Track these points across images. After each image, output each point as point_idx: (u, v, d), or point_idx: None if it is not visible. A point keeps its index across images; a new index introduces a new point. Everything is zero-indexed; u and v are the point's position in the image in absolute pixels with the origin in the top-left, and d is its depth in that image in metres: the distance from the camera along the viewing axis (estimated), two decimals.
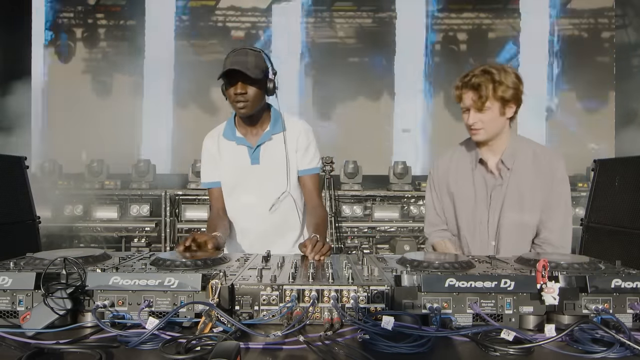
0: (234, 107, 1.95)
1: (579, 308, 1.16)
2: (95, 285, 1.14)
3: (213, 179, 2.12)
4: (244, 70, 1.82)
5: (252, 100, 1.91)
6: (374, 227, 5.53)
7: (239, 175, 2.05)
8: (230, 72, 1.84)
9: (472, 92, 1.86)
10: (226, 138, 2.08)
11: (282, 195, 2.04)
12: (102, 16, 6.46)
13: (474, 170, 1.99)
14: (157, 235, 5.45)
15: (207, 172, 2.13)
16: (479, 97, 1.84)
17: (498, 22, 6.62)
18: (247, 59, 1.86)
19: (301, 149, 2.07)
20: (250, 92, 1.89)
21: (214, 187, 2.12)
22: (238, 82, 1.87)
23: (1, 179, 2.70)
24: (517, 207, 1.93)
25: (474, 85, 1.85)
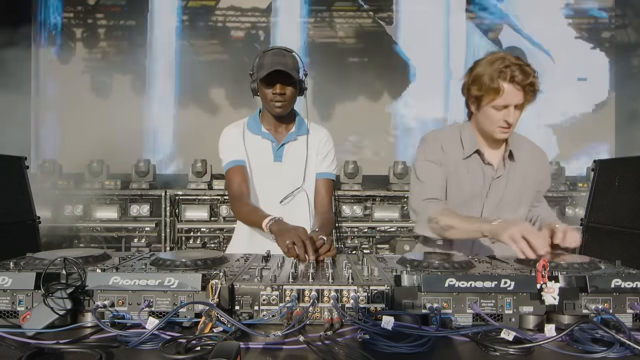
0: (269, 106, 1.97)
1: (579, 308, 1.16)
2: (95, 285, 1.14)
3: (239, 156, 2.03)
4: (289, 71, 1.85)
5: (289, 100, 1.96)
6: (374, 227, 5.53)
7: (260, 170, 2.06)
8: (271, 72, 1.86)
9: (522, 91, 1.70)
10: (251, 131, 2.08)
11: (295, 191, 2.05)
12: (102, 16, 6.46)
13: (467, 159, 1.89)
14: (157, 235, 5.45)
15: (232, 151, 2.03)
16: (531, 98, 1.72)
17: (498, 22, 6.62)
18: (287, 60, 1.89)
19: (322, 153, 2.11)
20: (288, 93, 1.93)
21: (240, 164, 2.01)
22: (277, 82, 1.90)
23: (1, 179, 2.70)
24: (516, 201, 1.92)
25: (528, 84, 1.69)
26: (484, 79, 1.72)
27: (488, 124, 1.81)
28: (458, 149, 1.91)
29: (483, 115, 1.81)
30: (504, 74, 1.69)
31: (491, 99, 1.73)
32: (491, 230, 1.55)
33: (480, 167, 1.90)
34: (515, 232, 1.45)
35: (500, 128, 1.78)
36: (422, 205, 1.85)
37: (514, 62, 1.70)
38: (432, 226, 1.78)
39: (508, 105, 1.73)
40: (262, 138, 2.06)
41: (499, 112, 1.75)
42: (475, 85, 1.76)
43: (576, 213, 5.22)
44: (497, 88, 1.70)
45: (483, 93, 1.74)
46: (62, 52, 6.38)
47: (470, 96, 1.83)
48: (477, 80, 1.75)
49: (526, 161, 1.93)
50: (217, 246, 5.40)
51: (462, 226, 1.68)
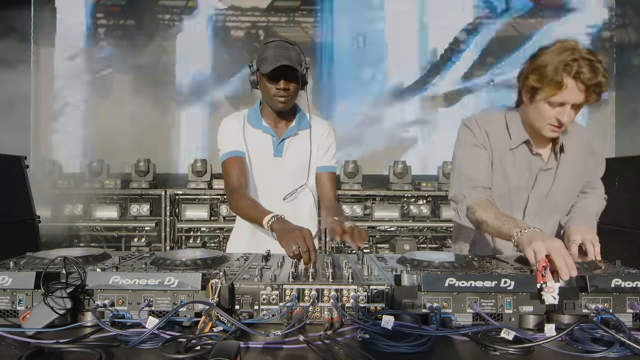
0: (272, 101, 1.92)
1: (579, 307, 1.16)
2: (95, 285, 1.14)
3: (238, 147, 1.98)
4: (294, 66, 1.80)
5: (293, 95, 1.92)
6: (374, 226, 5.53)
7: (259, 165, 2.03)
8: (278, 68, 1.80)
9: (585, 91, 1.53)
10: (251, 125, 2.04)
11: (299, 188, 2.04)
12: (102, 16, 6.46)
13: (513, 150, 1.76)
14: (157, 235, 5.45)
15: (231, 141, 1.98)
16: (595, 100, 1.55)
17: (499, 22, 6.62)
18: (291, 54, 1.84)
19: (323, 148, 2.08)
20: (292, 88, 1.89)
21: (239, 155, 1.96)
22: (282, 78, 1.85)
23: (1, 179, 2.70)
24: (564, 194, 1.79)
25: (595, 85, 1.51)
26: (547, 70, 1.53)
27: (538, 120, 1.65)
28: (504, 138, 1.77)
29: (535, 109, 1.64)
30: (569, 68, 1.50)
31: (549, 93, 1.55)
32: (518, 239, 1.39)
33: (527, 158, 1.77)
34: (540, 249, 1.24)
35: (551, 126, 1.62)
36: (464, 192, 1.71)
37: (584, 55, 1.51)
38: (469, 216, 1.68)
39: (565, 103, 1.56)
40: (263, 132, 2.03)
41: (553, 108, 1.59)
42: (535, 75, 1.57)
43: None
44: (559, 82, 1.51)
45: (542, 85, 1.55)
46: (62, 52, 6.37)
47: (525, 85, 1.63)
48: (538, 70, 1.56)
49: (578, 152, 1.79)
50: (217, 246, 5.40)
51: (493, 224, 1.54)
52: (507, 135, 1.78)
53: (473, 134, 1.78)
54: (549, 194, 1.79)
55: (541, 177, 1.78)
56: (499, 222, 1.52)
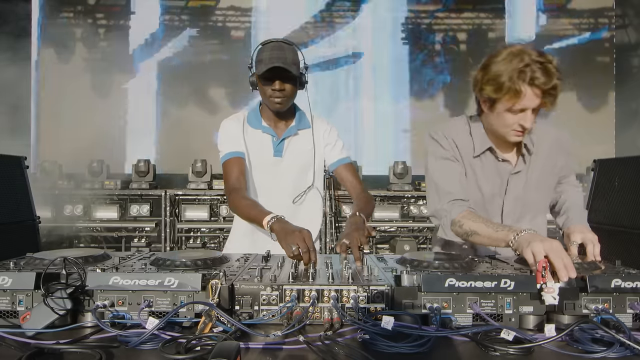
0: (269, 102, 1.93)
1: (579, 308, 1.16)
2: (95, 285, 1.14)
3: (237, 148, 1.97)
4: (287, 67, 1.80)
5: (289, 96, 1.91)
6: (374, 227, 5.53)
7: (259, 166, 2.03)
8: (270, 68, 1.81)
9: (542, 94, 1.51)
10: (251, 125, 2.04)
11: (307, 189, 2.04)
12: (102, 16, 6.46)
13: (479, 158, 1.76)
14: (157, 235, 5.45)
15: (231, 142, 1.97)
16: (551, 102, 1.53)
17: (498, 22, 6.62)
18: (286, 55, 1.83)
19: (330, 144, 2.08)
20: (287, 89, 1.88)
21: (239, 156, 1.96)
22: (276, 79, 1.85)
23: (1, 179, 2.70)
24: (538, 195, 1.79)
25: (551, 88, 1.50)
26: (501, 80, 1.52)
27: (501, 127, 1.64)
28: (469, 145, 1.76)
29: (496, 117, 1.64)
30: (524, 74, 1.49)
31: (509, 103, 1.55)
32: (515, 242, 1.37)
33: (494, 164, 1.77)
34: (539, 250, 1.23)
35: (515, 132, 1.62)
36: (445, 207, 1.67)
37: (535, 59, 1.49)
38: (455, 230, 1.64)
39: (525, 109, 1.55)
40: (263, 132, 2.03)
41: (515, 115, 1.58)
42: (491, 86, 1.56)
43: None
44: (517, 91, 1.50)
45: (499, 96, 1.55)
46: (62, 52, 6.38)
47: (482, 96, 1.64)
48: (494, 80, 1.55)
49: (549, 151, 1.79)
50: (217, 246, 5.40)
51: (486, 233, 1.51)
52: (471, 142, 1.77)
53: (441, 146, 1.77)
54: (523, 197, 1.78)
55: (512, 181, 1.77)
56: (491, 230, 1.50)
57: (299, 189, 2.04)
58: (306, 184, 2.04)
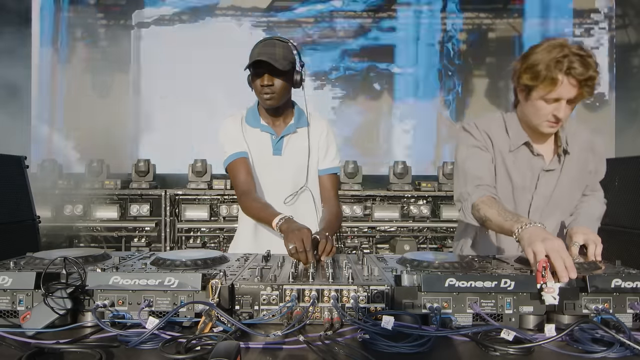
0: (260, 98, 1.93)
1: (579, 308, 1.16)
2: (95, 285, 1.14)
3: (240, 149, 1.97)
4: (272, 62, 1.79)
5: (279, 92, 1.89)
6: (374, 227, 5.53)
7: (259, 164, 2.02)
8: (257, 63, 1.82)
9: (577, 86, 1.54)
10: (249, 125, 2.04)
11: (300, 190, 2.03)
12: (102, 16, 6.46)
13: (514, 152, 1.78)
14: (157, 235, 5.45)
15: (234, 143, 1.98)
16: (588, 94, 1.56)
17: (498, 22, 6.62)
18: (275, 50, 1.83)
19: (323, 148, 2.07)
20: (276, 84, 1.87)
21: (243, 156, 1.96)
22: (265, 74, 1.85)
23: (1, 179, 2.70)
24: (568, 195, 1.80)
25: (587, 78, 1.53)
26: (539, 68, 1.56)
27: (535, 117, 1.67)
28: (504, 140, 1.79)
29: (531, 106, 1.67)
30: (561, 64, 1.53)
31: (544, 90, 1.58)
32: (519, 235, 1.37)
33: (528, 159, 1.78)
34: (539, 250, 1.22)
35: (548, 122, 1.65)
36: (469, 190, 1.70)
37: (574, 51, 1.54)
38: (474, 213, 1.66)
39: (560, 99, 1.58)
40: (261, 131, 2.02)
41: (549, 105, 1.61)
42: (528, 74, 1.60)
43: None
44: (553, 78, 1.54)
45: (536, 83, 1.59)
46: (62, 52, 6.38)
47: (520, 84, 1.67)
48: (531, 69, 1.59)
49: (580, 153, 1.80)
50: (217, 246, 5.40)
51: (496, 221, 1.53)
52: (507, 137, 1.79)
53: (472, 136, 1.79)
54: (552, 195, 1.79)
55: (543, 178, 1.78)
56: (501, 218, 1.51)
57: (297, 187, 2.03)
58: (299, 184, 2.03)
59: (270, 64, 1.80)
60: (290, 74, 1.90)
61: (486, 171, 1.74)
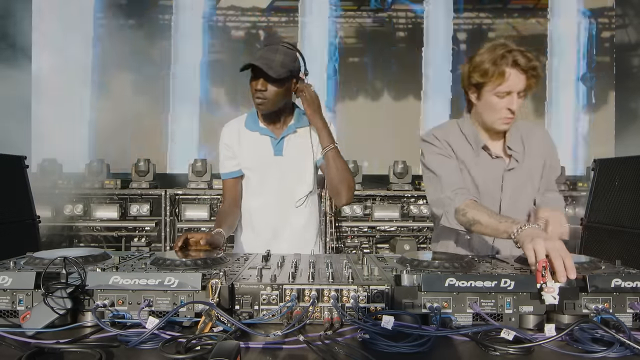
0: (253, 101, 1.94)
1: (579, 307, 1.16)
2: (95, 285, 1.14)
3: (230, 168, 2.07)
4: (266, 69, 1.80)
5: (271, 99, 1.88)
6: (374, 226, 5.53)
7: (261, 165, 2.03)
8: (253, 66, 1.83)
9: (525, 75, 1.64)
10: (248, 128, 2.05)
11: (309, 194, 2.05)
12: (102, 16, 6.46)
13: (477, 156, 1.82)
14: (157, 235, 5.46)
15: (224, 163, 2.08)
16: (534, 84, 1.65)
17: (498, 22, 6.62)
18: (275, 57, 1.83)
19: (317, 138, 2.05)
20: (269, 90, 1.86)
21: (231, 177, 2.07)
22: (260, 78, 1.85)
23: (1, 179, 2.70)
24: (531, 190, 1.84)
25: (531, 68, 1.63)
26: (486, 65, 1.66)
27: (490, 114, 1.73)
28: (464, 145, 1.83)
29: (484, 104, 1.73)
30: (506, 59, 1.63)
31: (494, 84, 1.66)
32: (518, 236, 1.39)
33: (488, 162, 1.82)
34: (540, 249, 1.22)
35: (503, 118, 1.71)
36: (449, 195, 1.73)
37: (515, 48, 1.66)
38: (458, 218, 1.68)
39: (511, 92, 1.66)
40: (261, 134, 2.03)
41: (501, 99, 1.68)
42: (477, 72, 1.69)
43: (576, 213, 5.22)
44: (501, 72, 1.63)
45: (486, 79, 1.67)
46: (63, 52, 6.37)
47: (470, 85, 1.75)
48: (478, 67, 1.68)
49: (538, 149, 1.85)
50: None
51: (489, 223, 1.55)
52: (465, 143, 1.84)
53: (435, 146, 1.84)
54: (519, 193, 1.82)
55: (507, 179, 1.81)
56: (494, 221, 1.54)
57: (300, 188, 2.03)
58: (307, 184, 2.04)
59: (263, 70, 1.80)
60: (286, 82, 1.88)
61: (458, 176, 1.78)
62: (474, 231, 1.66)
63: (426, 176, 1.88)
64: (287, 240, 2.01)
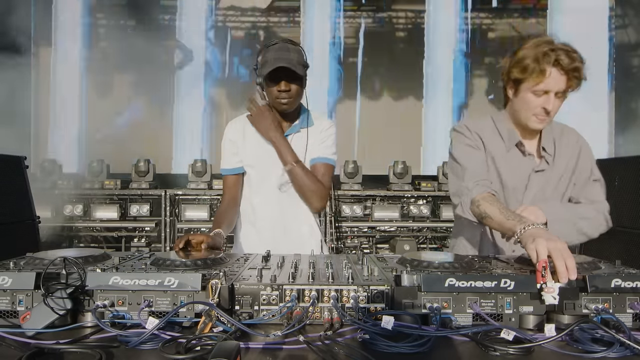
0: (275, 103, 1.94)
1: (579, 308, 1.16)
2: (95, 285, 1.14)
3: (233, 165, 2.07)
4: (293, 68, 1.80)
5: (295, 97, 1.92)
6: (374, 227, 5.53)
7: (263, 163, 2.03)
8: (274, 69, 1.82)
9: (566, 76, 1.61)
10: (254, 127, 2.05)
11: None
12: (102, 16, 6.46)
13: (509, 152, 1.80)
14: (157, 235, 5.46)
15: (227, 158, 2.08)
16: (576, 86, 1.63)
17: (498, 22, 6.62)
18: (291, 56, 1.84)
19: (318, 141, 2.06)
20: (293, 89, 1.89)
21: (232, 174, 2.07)
22: (282, 79, 1.86)
23: (1, 179, 2.70)
24: (552, 191, 1.81)
25: (573, 69, 1.60)
26: (527, 62, 1.63)
27: (524, 111, 1.71)
28: (496, 140, 1.82)
29: (520, 101, 1.71)
30: (548, 57, 1.60)
31: (533, 82, 1.63)
32: (521, 235, 1.38)
33: (518, 160, 1.80)
34: (542, 249, 1.22)
35: (536, 117, 1.69)
36: (468, 185, 1.71)
37: (560, 46, 1.62)
38: (473, 209, 1.67)
39: (549, 92, 1.64)
40: None
41: (538, 98, 1.66)
42: (517, 68, 1.67)
43: None
44: (542, 70, 1.60)
45: (525, 76, 1.65)
46: (63, 52, 6.37)
47: (509, 80, 1.73)
48: (519, 63, 1.66)
49: (570, 151, 1.82)
50: None
51: (498, 219, 1.54)
52: (498, 138, 1.82)
53: (465, 136, 1.82)
54: (543, 195, 1.80)
55: (534, 179, 1.80)
56: (502, 217, 1.52)
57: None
58: None
59: (289, 70, 1.81)
60: (304, 78, 1.92)
61: (484, 169, 1.76)
62: (485, 224, 1.65)
63: (451, 167, 1.86)
64: (287, 238, 2.01)
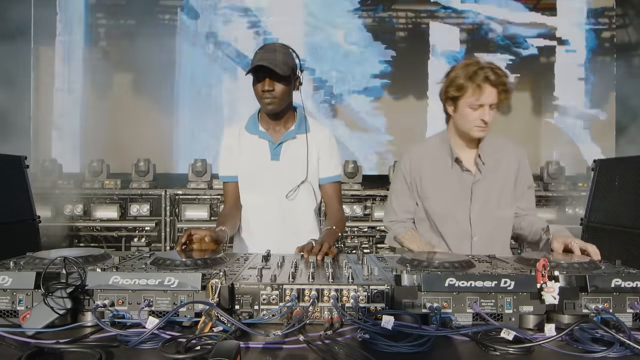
0: (261, 103, 1.97)
1: (579, 307, 1.16)
2: (95, 285, 1.14)
3: (230, 172, 2.10)
4: (272, 67, 1.83)
5: (279, 97, 1.93)
6: (374, 226, 5.53)
7: (257, 169, 2.05)
8: (258, 69, 1.85)
9: (496, 90, 1.85)
10: (248, 131, 2.08)
11: (301, 184, 2.03)
12: (102, 16, 6.46)
13: (451, 169, 2.00)
14: (157, 235, 5.45)
15: (225, 166, 2.11)
16: (505, 97, 1.87)
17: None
18: (276, 56, 1.88)
19: (324, 156, 2.08)
20: (277, 89, 1.90)
21: (231, 181, 2.10)
22: (266, 79, 1.89)
23: (1, 179, 2.70)
24: (500, 203, 1.99)
25: (501, 83, 1.85)
26: (460, 81, 1.86)
27: (465, 124, 1.92)
28: (441, 159, 2.02)
29: (460, 115, 1.92)
30: (478, 75, 1.83)
31: (468, 97, 1.87)
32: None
33: (459, 175, 1.99)
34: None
35: (477, 127, 1.90)
36: (389, 221, 2.11)
37: (486, 65, 1.87)
38: (398, 240, 2.05)
39: (483, 105, 1.86)
40: (259, 137, 2.05)
41: (475, 111, 1.88)
42: (453, 87, 1.89)
43: (576, 213, 5.22)
44: (474, 86, 1.84)
45: (461, 93, 1.87)
46: (63, 52, 6.37)
47: (447, 99, 1.95)
48: (454, 82, 1.89)
49: (505, 161, 2.01)
50: None
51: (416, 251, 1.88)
52: (443, 157, 2.03)
53: (402, 172, 2.08)
54: (487, 204, 1.98)
55: (475, 190, 1.99)
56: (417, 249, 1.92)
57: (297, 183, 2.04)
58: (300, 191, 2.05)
59: (270, 69, 1.83)
60: (290, 79, 1.93)
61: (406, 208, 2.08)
62: None
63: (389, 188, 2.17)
64: (287, 238, 2.00)
